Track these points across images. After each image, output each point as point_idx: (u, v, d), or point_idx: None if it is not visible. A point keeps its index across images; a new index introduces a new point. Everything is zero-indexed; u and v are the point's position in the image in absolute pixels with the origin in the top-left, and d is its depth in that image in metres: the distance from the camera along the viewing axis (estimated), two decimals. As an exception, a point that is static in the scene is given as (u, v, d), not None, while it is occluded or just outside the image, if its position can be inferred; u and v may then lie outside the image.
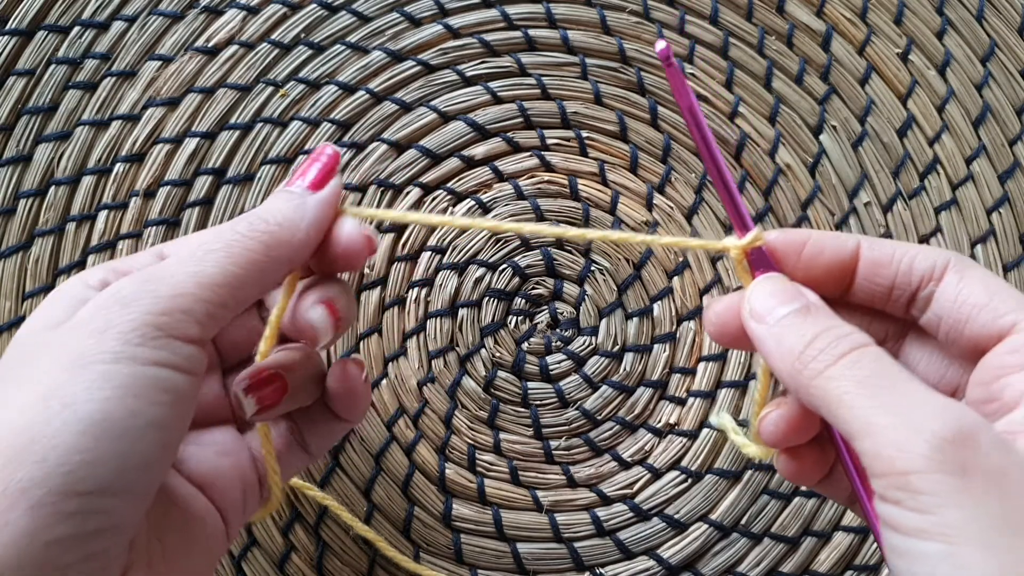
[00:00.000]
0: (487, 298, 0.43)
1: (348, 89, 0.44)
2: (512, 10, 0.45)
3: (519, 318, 0.43)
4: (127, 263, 0.29)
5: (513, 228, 0.31)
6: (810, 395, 0.25)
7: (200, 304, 0.25)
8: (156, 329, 0.24)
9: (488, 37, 0.45)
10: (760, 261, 0.28)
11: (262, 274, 0.27)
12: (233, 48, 0.44)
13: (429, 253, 0.43)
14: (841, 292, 0.29)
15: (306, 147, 0.43)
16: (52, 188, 0.42)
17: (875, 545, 0.42)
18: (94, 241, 0.42)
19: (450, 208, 0.43)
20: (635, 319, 0.43)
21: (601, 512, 0.41)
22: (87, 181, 0.42)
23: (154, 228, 0.42)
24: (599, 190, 0.44)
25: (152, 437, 0.24)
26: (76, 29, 0.43)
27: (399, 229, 0.43)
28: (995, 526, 0.21)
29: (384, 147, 0.44)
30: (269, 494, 0.32)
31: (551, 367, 0.42)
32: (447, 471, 0.41)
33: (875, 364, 0.24)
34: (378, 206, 0.43)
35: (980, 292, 0.26)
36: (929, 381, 0.27)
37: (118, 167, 0.42)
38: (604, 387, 0.42)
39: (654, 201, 0.44)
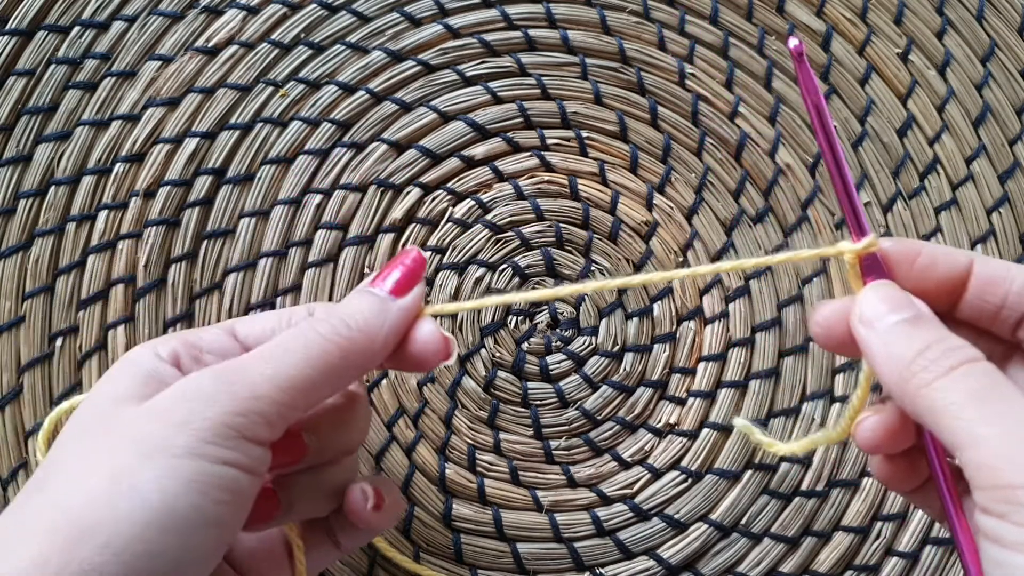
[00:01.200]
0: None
1: (348, 89, 0.44)
2: (512, 10, 0.45)
3: (519, 318, 0.43)
4: (198, 338, 0.29)
5: (577, 290, 0.32)
6: (915, 404, 0.25)
7: (275, 407, 0.26)
8: (230, 429, 0.25)
9: (488, 37, 0.45)
10: (872, 268, 0.28)
11: (337, 379, 0.28)
12: (233, 48, 0.44)
13: (429, 253, 0.43)
14: (948, 307, 0.28)
15: (306, 147, 0.43)
16: (52, 188, 0.42)
17: (875, 545, 0.42)
18: (94, 241, 0.42)
19: (450, 208, 0.43)
20: (635, 319, 0.43)
21: (601, 512, 0.41)
22: (87, 181, 0.42)
23: (154, 228, 0.42)
24: (599, 190, 0.44)
25: (211, 534, 0.24)
26: (76, 29, 0.43)
27: (399, 229, 0.43)
28: None
29: (384, 147, 0.44)
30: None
31: (551, 367, 0.42)
32: (447, 471, 0.41)
33: (985, 378, 0.24)
34: (378, 207, 0.43)
35: None
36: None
37: (118, 167, 0.42)
38: (604, 387, 0.42)
39: (654, 201, 0.44)
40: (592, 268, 0.43)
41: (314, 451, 0.30)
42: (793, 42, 0.27)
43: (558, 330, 0.43)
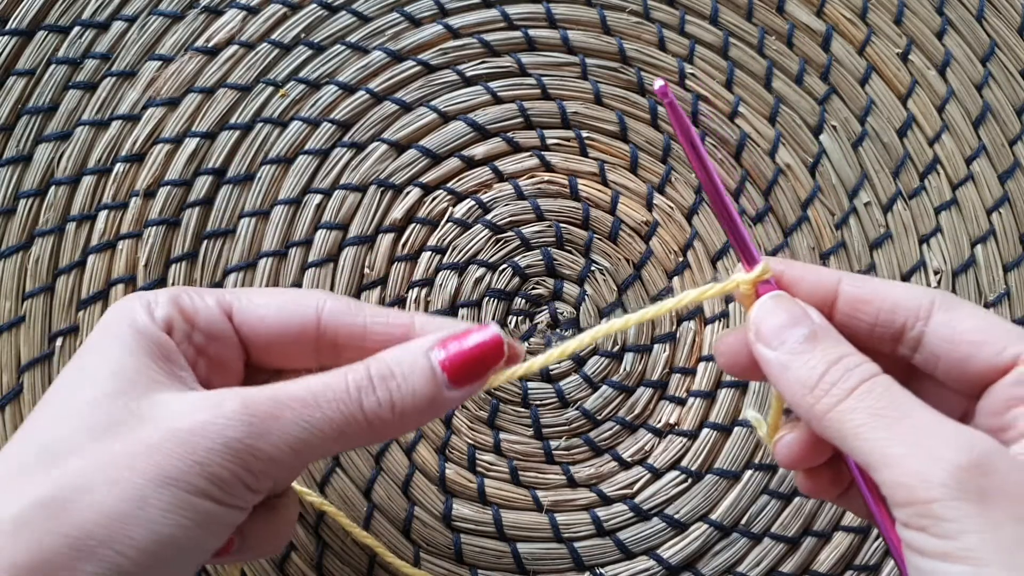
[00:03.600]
0: (487, 298, 0.43)
1: (348, 89, 0.44)
2: (512, 10, 0.45)
3: (519, 318, 0.43)
4: (194, 311, 0.28)
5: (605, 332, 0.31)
6: (824, 428, 0.25)
7: (286, 469, 0.26)
8: (242, 482, 0.25)
9: (488, 37, 0.45)
10: (759, 294, 0.29)
11: (353, 443, 0.27)
12: (233, 48, 0.44)
13: (429, 253, 0.43)
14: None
15: (306, 147, 0.43)
16: (52, 188, 0.42)
17: (875, 545, 0.42)
18: (94, 241, 0.42)
19: (450, 208, 0.43)
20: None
21: (601, 512, 0.41)
22: (87, 181, 0.42)
23: (154, 228, 0.42)
24: (599, 190, 0.44)
25: (199, 561, 0.26)
26: (76, 29, 0.43)
27: (399, 229, 0.43)
28: (1017, 546, 0.21)
29: (384, 147, 0.44)
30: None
31: (551, 367, 0.42)
32: (447, 471, 0.41)
33: (887, 394, 0.24)
34: (378, 207, 0.43)
35: (974, 329, 0.26)
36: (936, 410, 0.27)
37: (118, 167, 0.42)
38: (604, 387, 0.42)
39: (654, 201, 0.44)
40: (592, 268, 0.43)
41: (237, 550, 0.30)
42: (658, 83, 0.26)
43: (558, 330, 0.43)
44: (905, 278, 0.44)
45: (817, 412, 0.25)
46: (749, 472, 0.42)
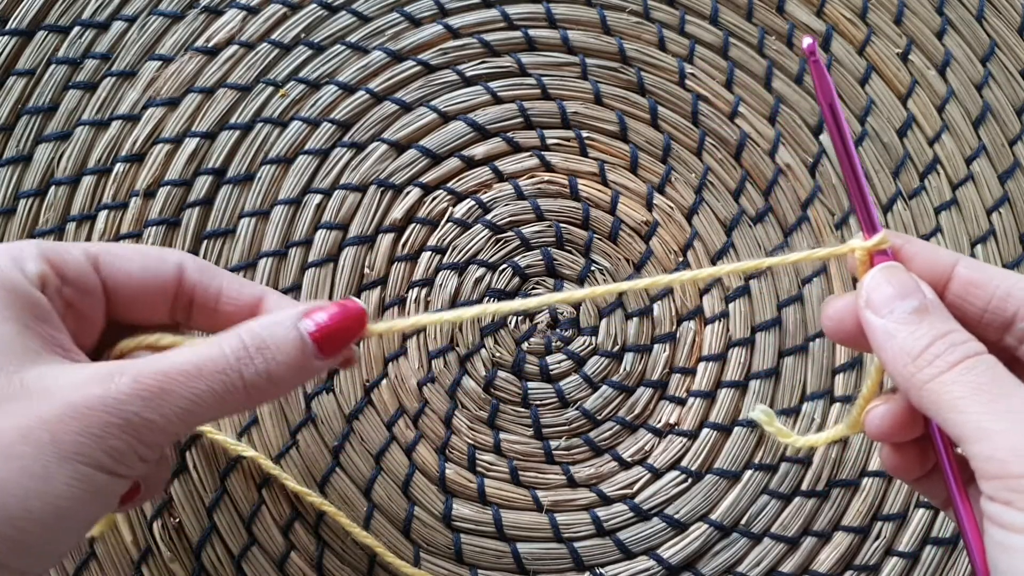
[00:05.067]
0: (487, 298, 0.43)
1: (348, 89, 0.44)
2: (512, 10, 0.45)
3: (519, 318, 0.43)
4: (63, 262, 0.28)
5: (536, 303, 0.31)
6: (921, 398, 0.25)
7: (172, 436, 0.26)
8: (136, 453, 0.26)
9: (488, 37, 0.45)
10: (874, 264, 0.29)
11: (231, 410, 0.28)
12: (233, 48, 0.44)
13: (429, 253, 0.43)
14: None
15: (306, 147, 0.43)
16: (52, 188, 0.42)
17: (875, 545, 0.42)
18: (94, 241, 0.42)
19: (450, 208, 0.43)
20: (635, 319, 0.43)
21: (601, 512, 0.41)
22: (87, 181, 0.42)
23: (154, 228, 0.42)
24: (599, 190, 0.44)
25: (88, 527, 0.26)
26: (76, 29, 0.43)
27: (399, 229, 0.43)
28: None
29: (384, 147, 0.44)
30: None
31: (551, 367, 0.42)
32: (447, 471, 0.41)
33: (990, 372, 0.25)
34: (378, 207, 0.43)
35: None
36: None
37: (118, 167, 0.42)
38: (604, 387, 0.42)
39: (654, 201, 0.44)
40: (592, 268, 0.43)
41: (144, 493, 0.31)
42: (807, 41, 0.27)
43: (558, 330, 0.43)
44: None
45: (917, 382, 0.25)
46: (749, 472, 0.42)
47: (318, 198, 0.43)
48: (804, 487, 0.42)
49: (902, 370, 0.26)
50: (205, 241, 0.42)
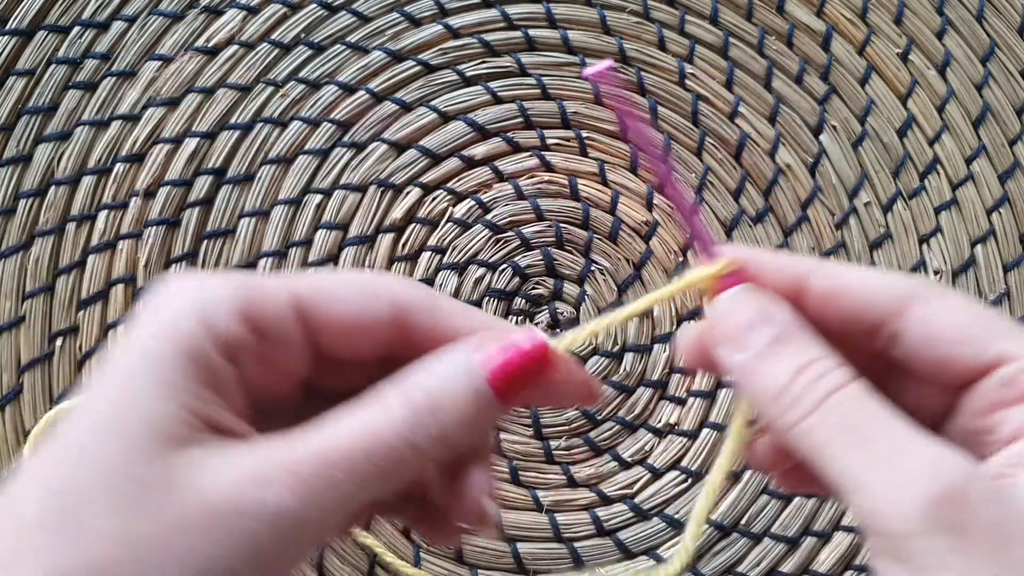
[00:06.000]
0: (487, 298, 0.43)
1: (348, 89, 0.44)
2: (512, 10, 0.45)
3: (519, 318, 0.43)
4: (260, 305, 0.22)
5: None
6: (791, 443, 0.23)
7: (332, 529, 0.22)
8: (287, 560, 0.21)
9: (488, 37, 0.45)
10: (729, 284, 0.25)
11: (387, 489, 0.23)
12: (233, 48, 0.44)
13: (429, 253, 0.43)
14: None
15: (306, 147, 0.43)
16: (52, 188, 0.42)
17: (875, 545, 0.42)
18: (94, 241, 0.42)
19: (450, 208, 0.43)
20: (635, 319, 0.43)
21: (601, 512, 0.41)
22: (87, 181, 0.42)
23: (154, 228, 0.42)
24: (599, 190, 0.44)
25: None
26: (76, 29, 0.43)
27: (399, 229, 0.43)
28: None
29: (384, 147, 0.44)
30: None
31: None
32: (447, 471, 0.41)
33: (857, 408, 0.22)
34: (378, 207, 0.43)
35: (953, 326, 0.23)
36: (916, 403, 0.25)
37: (118, 167, 0.42)
38: (604, 387, 0.42)
39: (654, 201, 0.44)
40: (592, 268, 0.43)
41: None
42: (591, 69, 0.23)
43: (558, 330, 0.43)
44: (905, 278, 0.44)
45: (783, 425, 0.22)
46: (749, 472, 0.42)
47: (318, 198, 0.43)
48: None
49: (766, 412, 0.23)
50: (205, 241, 0.42)
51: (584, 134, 0.44)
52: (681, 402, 0.43)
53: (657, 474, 0.42)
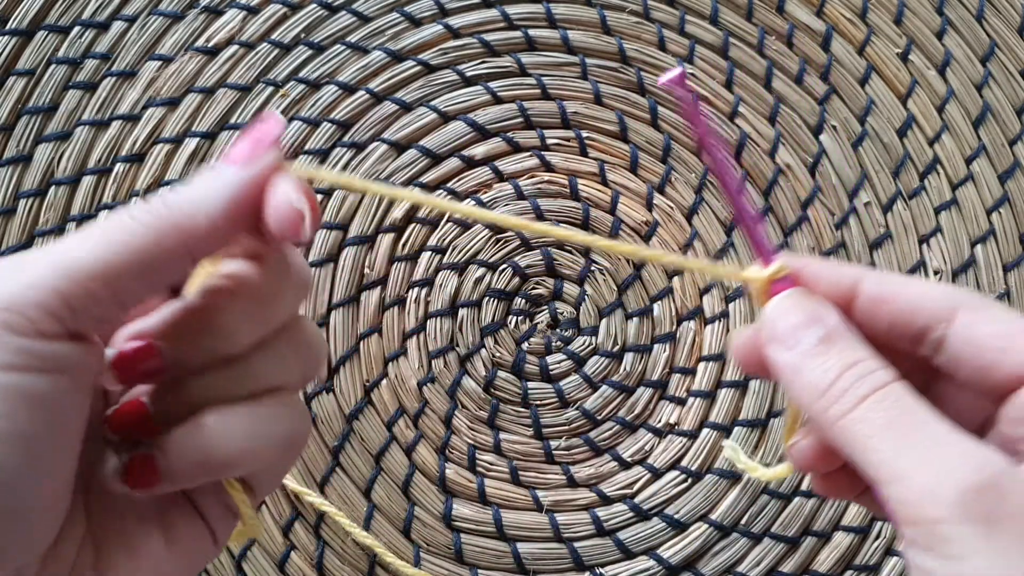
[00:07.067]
0: (487, 298, 0.43)
1: (348, 89, 0.44)
2: (512, 10, 0.45)
3: (519, 318, 0.43)
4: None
5: (469, 212, 0.27)
6: (834, 436, 0.24)
7: (57, 295, 0.21)
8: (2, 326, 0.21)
9: (488, 37, 0.45)
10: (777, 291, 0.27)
11: (147, 265, 0.23)
12: (233, 48, 0.44)
13: (429, 253, 0.43)
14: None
15: (306, 147, 0.43)
16: (52, 188, 0.42)
17: (875, 545, 0.42)
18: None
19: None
20: (635, 319, 0.43)
21: (601, 512, 0.41)
22: (87, 181, 0.42)
23: (154, 228, 0.42)
24: (599, 190, 0.44)
25: (11, 451, 0.21)
26: (76, 29, 0.43)
27: (399, 229, 0.43)
28: (1021, 571, 0.21)
29: (384, 147, 0.44)
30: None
31: (551, 367, 0.42)
32: (447, 471, 0.41)
33: (899, 404, 0.23)
34: (378, 207, 0.43)
35: (997, 335, 0.24)
36: (956, 413, 0.26)
37: (118, 167, 0.42)
38: (604, 387, 0.42)
39: (654, 201, 0.44)
40: (592, 268, 0.43)
41: (171, 360, 0.24)
42: (665, 77, 0.24)
43: (558, 330, 0.43)
44: (905, 278, 0.44)
45: (828, 419, 0.24)
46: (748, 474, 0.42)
47: (318, 198, 0.43)
48: (804, 487, 0.42)
49: (811, 407, 0.24)
50: (205, 241, 0.42)
51: (584, 134, 0.44)
52: (681, 402, 0.43)
53: (657, 474, 0.42)
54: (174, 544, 0.25)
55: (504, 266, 0.43)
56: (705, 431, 0.42)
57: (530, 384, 0.42)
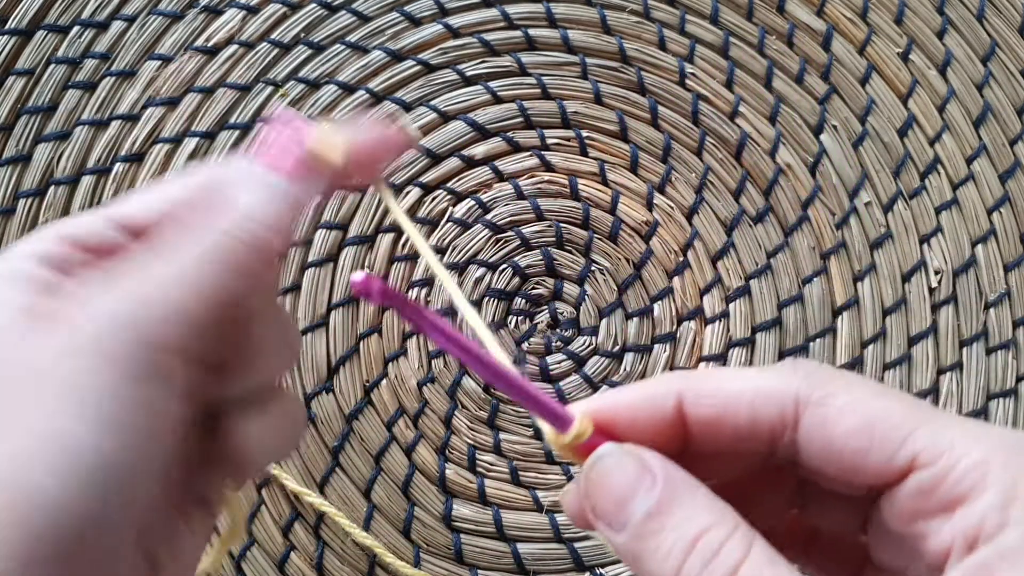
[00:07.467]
0: (487, 298, 0.43)
1: (348, 89, 0.44)
2: (512, 10, 0.45)
3: (519, 318, 0.43)
4: (81, 230, 0.23)
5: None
6: None
7: (198, 329, 0.20)
8: (153, 355, 0.20)
9: (488, 37, 0.45)
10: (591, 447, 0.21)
11: (257, 284, 0.22)
12: (233, 48, 0.44)
13: (429, 253, 0.43)
14: (680, 448, 0.22)
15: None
16: (52, 188, 0.42)
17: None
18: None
19: (450, 208, 0.43)
20: (635, 319, 0.43)
21: (601, 512, 0.41)
22: (87, 181, 0.42)
23: (154, 228, 0.42)
24: (599, 190, 0.44)
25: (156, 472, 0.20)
26: (76, 29, 0.43)
27: (399, 229, 0.43)
28: None
29: (384, 147, 0.43)
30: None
31: (551, 367, 0.42)
32: (447, 471, 0.41)
33: None
34: (378, 206, 0.43)
35: (853, 432, 0.20)
36: (840, 517, 0.23)
37: (118, 167, 0.42)
38: (604, 387, 0.42)
39: (654, 201, 0.44)
40: (592, 268, 0.43)
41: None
42: (356, 277, 0.20)
43: (558, 330, 0.43)
44: (906, 278, 0.44)
45: None
46: (749, 472, 0.42)
47: (318, 197, 0.43)
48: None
49: None
50: (205, 241, 0.42)
51: (584, 134, 0.44)
52: (681, 402, 0.43)
53: (657, 474, 0.42)
54: (196, 539, 0.23)
55: (504, 266, 0.43)
56: (705, 431, 0.42)
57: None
